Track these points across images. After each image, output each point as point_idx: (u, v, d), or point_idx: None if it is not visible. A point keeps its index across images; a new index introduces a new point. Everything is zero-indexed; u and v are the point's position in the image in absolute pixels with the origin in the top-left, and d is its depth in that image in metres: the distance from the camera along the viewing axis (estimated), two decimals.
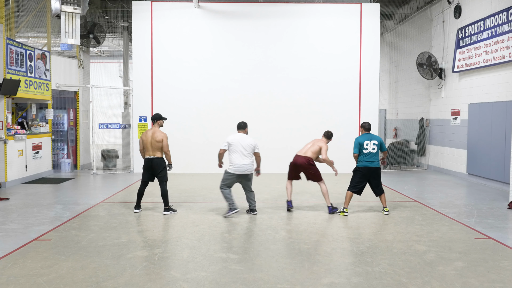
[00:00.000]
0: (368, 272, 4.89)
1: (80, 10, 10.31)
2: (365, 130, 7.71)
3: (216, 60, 13.34)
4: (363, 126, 7.75)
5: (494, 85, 10.78)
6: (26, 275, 4.73)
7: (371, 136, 7.60)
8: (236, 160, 7.39)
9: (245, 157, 7.40)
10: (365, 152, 7.48)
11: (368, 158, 7.49)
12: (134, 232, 6.58)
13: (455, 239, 6.16)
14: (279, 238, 6.24)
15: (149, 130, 7.80)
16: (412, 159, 14.88)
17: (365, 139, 7.53)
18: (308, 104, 13.33)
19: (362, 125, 7.77)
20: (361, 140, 7.53)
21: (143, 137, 7.77)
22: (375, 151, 7.51)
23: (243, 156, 7.40)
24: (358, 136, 7.69)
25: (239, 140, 7.46)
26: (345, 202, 7.69)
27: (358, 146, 7.51)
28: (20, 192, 9.84)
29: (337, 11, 13.36)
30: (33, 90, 11.47)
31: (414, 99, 15.67)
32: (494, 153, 10.72)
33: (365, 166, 7.51)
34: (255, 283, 4.55)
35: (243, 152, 7.40)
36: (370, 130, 7.74)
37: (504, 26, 10.21)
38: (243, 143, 7.43)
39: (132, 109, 13.77)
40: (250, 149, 7.45)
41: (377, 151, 7.55)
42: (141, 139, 7.83)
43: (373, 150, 7.49)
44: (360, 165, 7.55)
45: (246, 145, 7.43)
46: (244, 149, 7.40)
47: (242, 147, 7.39)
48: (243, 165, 7.37)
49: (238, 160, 7.39)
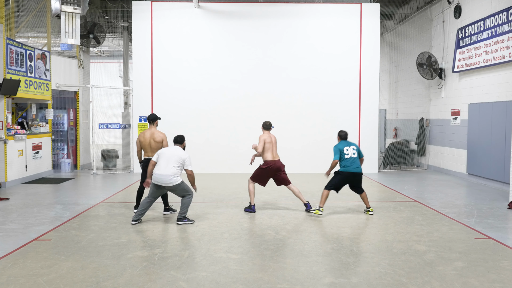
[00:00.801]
0: (368, 272, 4.89)
1: (80, 10, 10.32)
2: (341, 139, 7.73)
3: (216, 60, 13.34)
4: (340, 135, 7.75)
5: (494, 85, 10.78)
6: (26, 275, 4.73)
7: (349, 143, 7.68)
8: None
9: None
10: (346, 158, 7.53)
11: (351, 163, 7.52)
12: (134, 232, 6.58)
13: (455, 239, 6.16)
14: (279, 238, 6.24)
15: (147, 131, 7.70)
16: (412, 159, 14.88)
17: (344, 145, 7.60)
18: (308, 104, 13.33)
19: (340, 134, 7.76)
20: (340, 147, 7.57)
21: (141, 138, 7.66)
22: (356, 156, 7.57)
23: None
24: (337, 144, 7.68)
25: None
26: (321, 201, 7.63)
27: (339, 152, 7.53)
28: (20, 192, 9.84)
29: (337, 11, 13.35)
30: (33, 90, 11.47)
31: (414, 99, 15.67)
32: (494, 153, 10.72)
33: (349, 172, 7.54)
34: (255, 283, 4.55)
35: None
36: (347, 138, 7.78)
37: (504, 26, 10.21)
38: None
39: (132, 109, 13.76)
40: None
41: (357, 156, 7.61)
42: (138, 141, 7.71)
43: (353, 154, 7.55)
44: (344, 169, 7.56)
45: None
46: None
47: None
48: None
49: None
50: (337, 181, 7.64)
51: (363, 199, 7.79)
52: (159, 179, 6.82)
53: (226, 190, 10.15)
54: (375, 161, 13.41)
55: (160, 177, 6.81)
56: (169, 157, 6.87)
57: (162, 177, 6.80)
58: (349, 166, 7.52)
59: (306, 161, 13.23)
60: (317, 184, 10.85)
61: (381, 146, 17.75)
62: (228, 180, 11.75)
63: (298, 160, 13.18)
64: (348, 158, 7.53)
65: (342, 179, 7.61)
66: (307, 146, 13.34)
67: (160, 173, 6.81)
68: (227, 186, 10.74)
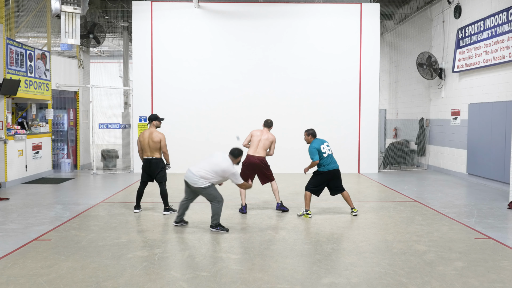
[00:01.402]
0: (368, 272, 4.89)
1: (80, 10, 10.31)
2: (313, 137, 7.54)
3: (216, 60, 13.34)
4: (312, 133, 7.54)
5: (494, 85, 10.78)
6: (26, 275, 4.73)
7: (322, 140, 7.50)
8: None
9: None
10: (324, 156, 7.35)
11: (329, 161, 7.37)
12: (134, 232, 6.58)
13: (455, 239, 6.16)
14: (279, 238, 6.24)
15: (146, 131, 7.75)
16: (412, 159, 14.87)
17: (320, 144, 7.40)
18: (308, 104, 13.33)
19: (311, 132, 7.55)
20: (317, 146, 7.36)
21: (140, 138, 7.73)
22: (331, 152, 7.47)
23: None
24: (312, 143, 7.45)
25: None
26: (306, 204, 7.49)
27: (317, 152, 7.33)
28: (20, 192, 9.84)
29: (337, 11, 13.35)
30: (33, 90, 11.47)
31: (414, 99, 15.67)
32: (494, 153, 10.72)
33: (329, 170, 7.37)
34: (255, 283, 4.55)
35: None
36: (316, 135, 7.61)
37: (504, 26, 10.21)
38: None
39: (132, 109, 13.76)
40: None
41: (331, 152, 7.51)
42: (138, 140, 7.80)
43: (329, 151, 7.43)
44: (324, 169, 7.38)
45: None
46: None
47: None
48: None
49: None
50: (317, 182, 7.47)
51: (345, 199, 7.58)
52: (187, 175, 6.52)
53: (226, 190, 10.12)
54: (375, 161, 13.41)
55: (188, 174, 6.50)
56: (210, 161, 6.51)
57: (189, 174, 6.48)
58: (328, 165, 7.38)
59: (306, 161, 13.14)
60: None
61: (381, 146, 17.74)
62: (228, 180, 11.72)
63: (298, 160, 13.15)
64: (326, 156, 7.38)
65: (322, 179, 7.45)
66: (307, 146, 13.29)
67: (190, 170, 6.50)
68: (227, 186, 10.70)
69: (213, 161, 6.47)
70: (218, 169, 6.39)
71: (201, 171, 6.40)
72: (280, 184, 10.82)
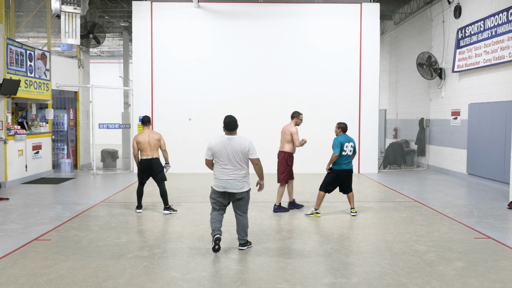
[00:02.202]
0: (368, 272, 4.89)
1: (80, 10, 10.31)
2: (343, 131, 7.40)
3: (216, 60, 13.34)
4: (342, 127, 7.38)
5: (494, 85, 10.78)
6: (26, 275, 4.73)
7: (348, 138, 7.36)
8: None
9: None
10: (343, 154, 7.26)
11: (345, 160, 7.32)
12: (134, 232, 6.58)
13: (455, 239, 6.16)
14: (279, 238, 6.24)
15: (144, 132, 7.72)
16: (412, 159, 14.87)
17: (345, 140, 7.27)
18: (308, 104, 13.33)
19: (341, 126, 7.39)
20: (342, 140, 7.23)
21: (139, 138, 7.63)
22: (351, 153, 7.38)
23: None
24: (338, 136, 7.29)
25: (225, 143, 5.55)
26: (317, 204, 7.51)
27: (340, 146, 7.19)
28: (20, 192, 9.84)
29: (337, 11, 13.35)
30: (33, 90, 11.47)
31: (414, 99, 15.67)
32: (494, 153, 10.71)
33: (342, 169, 7.35)
34: (255, 283, 4.55)
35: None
36: (346, 131, 7.46)
37: (504, 26, 10.21)
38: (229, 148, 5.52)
39: (132, 109, 13.76)
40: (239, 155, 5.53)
41: (352, 153, 7.41)
42: (135, 142, 7.65)
43: (350, 152, 7.33)
44: (338, 167, 7.34)
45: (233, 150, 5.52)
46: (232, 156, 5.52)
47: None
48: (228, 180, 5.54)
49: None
50: (331, 180, 7.45)
51: (349, 199, 7.64)
52: (228, 185, 5.53)
53: None
54: (375, 161, 13.41)
55: (229, 183, 5.53)
56: (232, 154, 5.48)
57: (231, 182, 5.52)
58: (343, 164, 7.34)
59: (306, 161, 13.22)
60: (317, 184, 10.83)
61: (381, 146, 17.74)
62: None
63: (298, 160, 13.13)
64: (345, 155, 7.33)
65: (335, 178, 7.44)
66: (307, 146, 13.31)
67: (226, 179, 5.53)
68: None
69: (233, 150, 5.46)
70: (243, 153, 5.49)
71: (238, 171, 5.51)
72: None
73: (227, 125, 5.55)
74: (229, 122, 5.55)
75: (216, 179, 5.59)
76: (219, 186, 5.55)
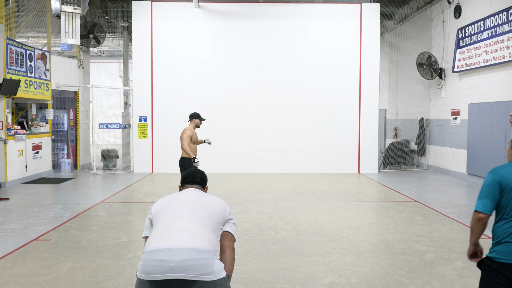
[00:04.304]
0: (368, 272, 4.89)
1: (80, 10, 10.32)
2: None
3: (216, 60, 13.34)
4: None
5: (494, 85, 10.78)
6: (26, 275, 4.73)
7: None
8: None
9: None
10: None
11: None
12: (134, 232, 6.58)
13: (455, 239, 6.16)
14: (279, 238, 6.24)
15: (190, 128, 7.98)
16: (412, 159, 14.87)
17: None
18: (308, 104, 13.33)
19: None
20: (506, 177, 2.95)
21: (190, 132, 7.89)
22: None
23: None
24: (497, 168, 3.02)
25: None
26: None
27: (498, 190, 3.00)
28: (20, 192, 9.84)
29: (337, 11, 13.35)
30: (33, 90, 11.47)
31: (414, 99, 15.67)
32: (494, 153, 10.72)
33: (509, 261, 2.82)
34: (255, 283, 4.55)
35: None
36: None
37: (504, 26, 10.21)
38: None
39: (132, 109, 13.76)
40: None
41: None
42: (188, 137, 7.88)
43: None
44: (498, 256, 2.88)
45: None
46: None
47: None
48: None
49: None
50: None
51: None
52: (176, 264, 2.61)
53: (226, 190, 10.14)
54: (375, 161, 13.41)
55: (179, 260, 2.63)
56: (197, 213, 2.95)
57: (185, 258, 2.65)
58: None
59: (306, 162, 13.23)
60: (317, 185, 10.85)
61: (381, 146, 17.74)
62: (228, 180, 11.74)
63: (298, 160, 13.18)
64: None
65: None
66: (307, 146, 13.33)
67: (172, 248, 2.65)
68: (227, 186, 10.74)
69: (203, 209, 3.00)
70: (217, 217, 2.99)
71: (204, 240, 2.77)
72: (280, 184, 10.83)
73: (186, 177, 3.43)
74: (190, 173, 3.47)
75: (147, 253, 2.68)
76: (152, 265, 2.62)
